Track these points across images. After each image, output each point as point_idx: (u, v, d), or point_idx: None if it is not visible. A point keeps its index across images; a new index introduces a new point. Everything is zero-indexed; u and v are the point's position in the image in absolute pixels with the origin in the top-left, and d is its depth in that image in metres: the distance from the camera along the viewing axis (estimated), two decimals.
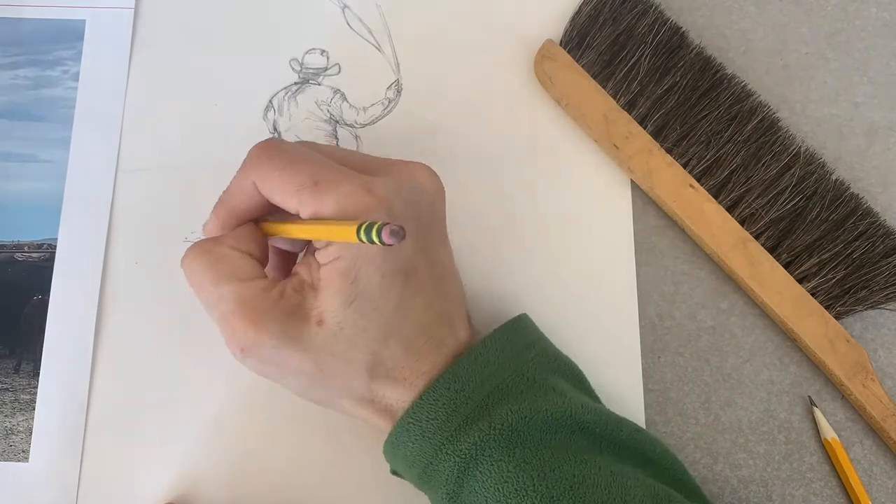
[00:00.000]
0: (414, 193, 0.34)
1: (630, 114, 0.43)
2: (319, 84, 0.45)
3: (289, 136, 0.44)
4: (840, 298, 0.41)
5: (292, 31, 0.46)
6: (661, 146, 0.42)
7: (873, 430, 0.40)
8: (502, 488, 0.31)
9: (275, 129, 0.44)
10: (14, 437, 0.40)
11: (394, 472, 0.36)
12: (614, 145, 0.42)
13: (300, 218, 0.33)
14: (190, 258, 0.34)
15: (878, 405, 0.39)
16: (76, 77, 0.45)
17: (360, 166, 0.34)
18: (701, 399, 0.41)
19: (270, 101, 0.44)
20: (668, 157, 0.42)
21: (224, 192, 0.35)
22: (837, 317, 0.41)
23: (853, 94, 0.46)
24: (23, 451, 0.40)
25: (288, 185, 0.32)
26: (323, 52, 0.45)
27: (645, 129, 0.42)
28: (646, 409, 0.41)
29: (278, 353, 0.32)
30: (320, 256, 0.33)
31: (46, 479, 0.39)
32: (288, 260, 0.38)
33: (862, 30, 0.47)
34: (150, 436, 0.40)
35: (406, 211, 0.33)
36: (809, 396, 0.41)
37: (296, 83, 0.45)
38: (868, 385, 0.40)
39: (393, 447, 0.34)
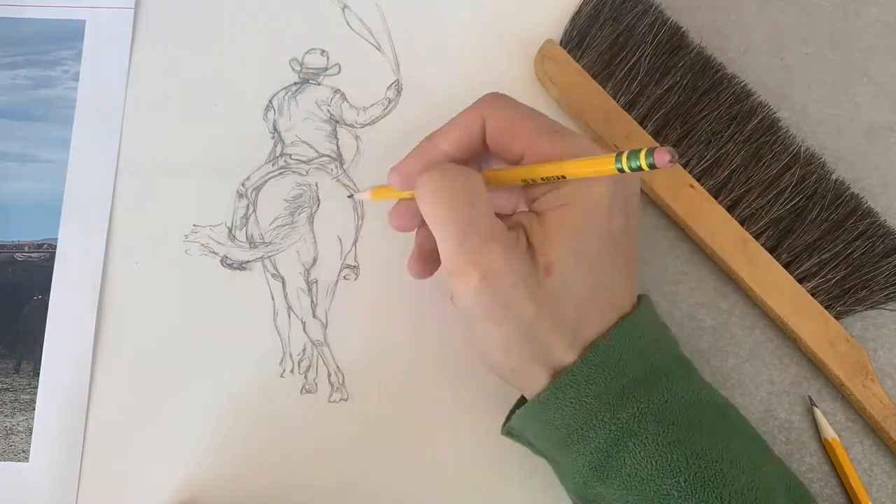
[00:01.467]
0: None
1: (630, 114, 0.43)
2: (319, 84, 0.45)
3: (289, 136, 0.44)
4: (840, 298, 0.41)
5: (292, 31, 0.46)
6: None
7: (873, 431, 0.40)
8: (655, 463, 0.31)
9: (274, 128, 0.44)
10: (14, 436, 0.40)
11: (508, 434, 0.36)
12: (614, 145, 0.42)
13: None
14: (445, 175, 0.34)
15: (878, 405, 0.39)
16: (76, 77, 0.45)
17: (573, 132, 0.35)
18: None
19: (270, 101, 0.44)
20: None
21: (436, 132, 0.36)
22: (837, 317, 0.41)
23: (853, 94, 0.46)
24: (23, 451, 0.40)
25: (537, 127, 0.34)
26: (323, 52, 0.45)
27: (645, 129, 0.42)
28: None
29: (513, 291, 0.32)
30: (543, 205, 0.34)
31: (46, 479, 0.39)
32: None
33: (862, 30, 0.47)
34: (150, 435, 0.40)
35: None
36: (809, 396, 0.41)
37: (296, 83, 0.45)
38: (868, 385, 0.40)
39: (541, 407, 0.33)
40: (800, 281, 0.41)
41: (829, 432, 0.40)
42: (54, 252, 0.42)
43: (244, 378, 0.40)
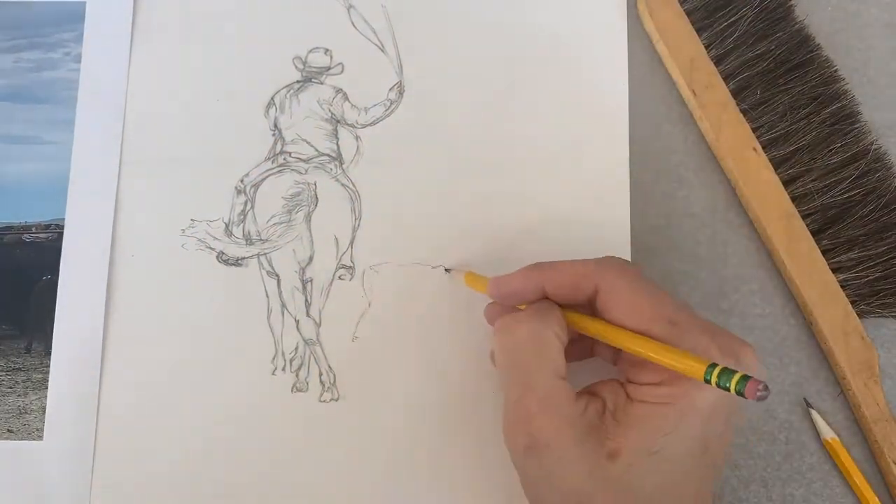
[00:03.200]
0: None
1: (717, 67, 0.43)
2: (322, 83, 0.44)
3: (289, 134, 0.44)
4: (867, 298, 0.41)
5: (296, 29, 0.45)
6: (738, 106, 0.42)
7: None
8: None
9: (275, 125, 0.44)
10: (27, 415, 0.40)
11: None
12: (692, 90, 0.42)
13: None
14: (517, 333, 0.33)
15: (874, 406, 0.40)
16: (78, 59, 0.44)
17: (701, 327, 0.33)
18: None
19: (272, 99, 0.44)
20: (741, 117, 0.42)
21: (547, 267, 0.35)
22: (859, 315, 0.41)
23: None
24: (37, 430, 0.40)
25: (656, 315, 0.32)
26: (326, 51, 0.45)
27: (727, 85, 0.43)
28: None
29: (561, 467, 0.30)
30: (640, 393, 0.32)
31: (61, 457, 0.40)
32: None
33: (862, 30, 0.46)
34: (163, 411, 0.40)
35: None
36: (805, 399, 0.41)
37: (298, 81, 0.44)
38: (869, 385, 0.40)
39: None
40: (833, 270, 0.41)
41: (828, 433, 0.40)
42: (62, 232, 0.42)
43: (235, 374, 0.41)
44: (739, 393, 0.27)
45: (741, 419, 0.33)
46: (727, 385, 0.27)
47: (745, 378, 0.27)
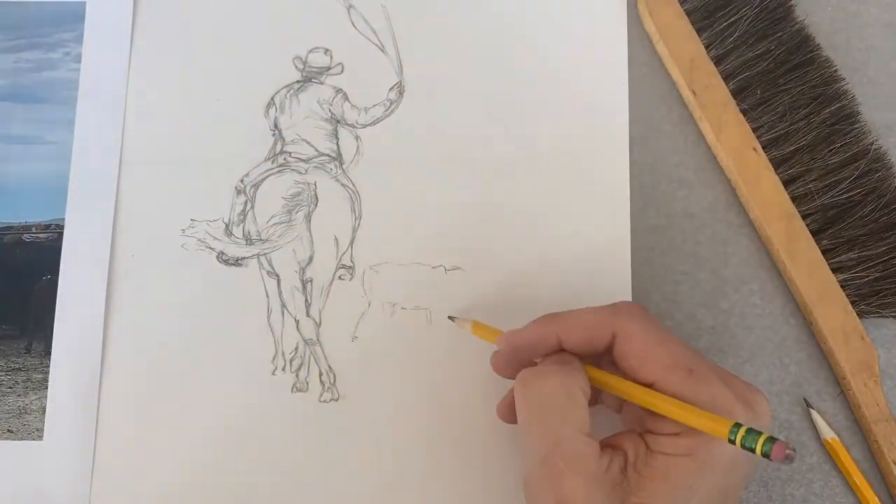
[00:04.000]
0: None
1: (717, 67, 0.43)
2: (322, 83, 0.44)
3: (289, 134, 0.44)
4: (867, 298, 0.41)
5: (296, 29, 0.45)
6: (738, 106, 0.42)
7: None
8: None
9: (275, 125, 0.44)
10: (28, 415, 0.40)
11: None
12: (692, 91, 0.43)
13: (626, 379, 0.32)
14: (543, 387, 0.32)
15: (874, 407, 0.40)
16: (78, 59, 0.44)
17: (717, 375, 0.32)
18: None
19: (272, 99, 0.44)
20: (741, 117, 0.42)
21: (560, 318, 0.34)
22: (859, 315, 0.41)
23: None
24: (37, 430, 0.40)
25: (672, 363, 0.31)
26: (326, 51, 0.45)
27: (727, 85, 0.43)
28: None
29: None
30: (660, 444, 0.31)
31: (61, 457, 0.40)
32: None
33: (862, 30, 0.46)
34: (163, 411, 0.40)
35: None
36: (805, 399, 0.41)
37: (298, 81, 0.44)
38: (869, 385, 0.40)
39: None
40: (833, 270, 0.41)
41: (828, 433, 0.40)
42: (62, 232, 0.42)
43: (235, 374, 0.41)
44: (766, 455, 0.27)
45: (755, 469, 0.33)
46: (752, 446, 0.27)
47: (771, 440, 0.27)
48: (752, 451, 0.27)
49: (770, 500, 0.40)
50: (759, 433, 0.27)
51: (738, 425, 0.28)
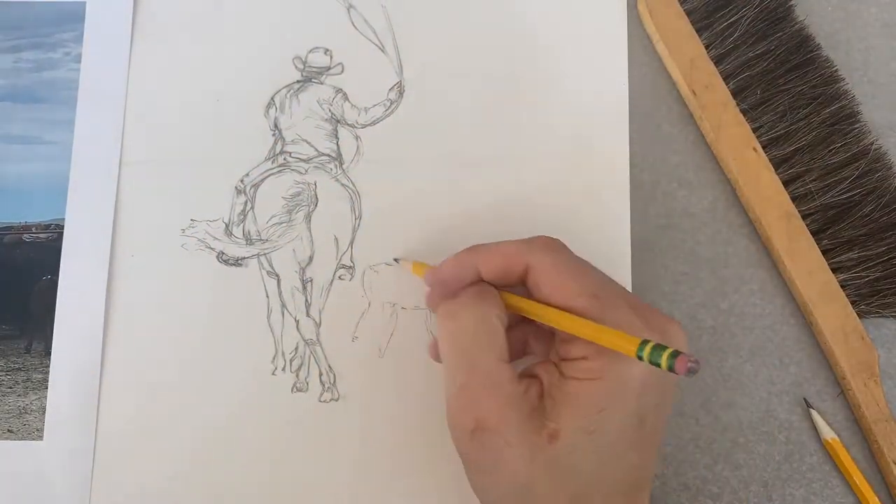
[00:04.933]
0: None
1: (717, 67, 0.43)
2: (322, 83, 0.44)
3: (289, 134, 0.44)
4: (867, 298, 0.41)
5: (296, 29, 0.45)
6: (738, 106, 0.43)
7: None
8: None
9: (275, 125, 0.44)
10: (28, 415, 0.40)
11: None
12: (692, 90, 0.43)
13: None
14: (461, 317, 0.33)
15: (874, 407, 0.40)
16: (78, 59, 0.44)
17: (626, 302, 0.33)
18: (701, 399, 0.41)
19: (272, 99, 0.44)
20: (741, 117, 0.42)
21: (481, 249, 0.35)
22: (859, 315, 0.41)
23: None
24: (37, 430, 0.40)
25: (579, 289, 0.32)
26: (327, 51, 0.45)
27: (727, 85, 0.43)
28: None
29: (507, 449, 0.30)
30: (571, 369, 0.32)
31: (61, 457, 0.40)
32: None
33: (862, 30, 0.46)
34: (163, 412, 0.40)
35: None
36: (805, 399, 0.41)
37: (298, 81, 0.44)
38: (869, 385, 0.40)
39: None
40: (833, 270, 0.41)
41: (829, 433, 0.40)
42: (62, 232, 0.42)
43: (235, 374, 0.41)
44: (671, 368, 0.27)
45: (671, 394, 0.33)
46: (658, 361, 0.28)
47: (675, 353, 0.27)
48: (659, 365, 0.28)
49: (770, 500, 0.40)
50: (665, 348, 0.28)
51: (645, 342, 0.28)
